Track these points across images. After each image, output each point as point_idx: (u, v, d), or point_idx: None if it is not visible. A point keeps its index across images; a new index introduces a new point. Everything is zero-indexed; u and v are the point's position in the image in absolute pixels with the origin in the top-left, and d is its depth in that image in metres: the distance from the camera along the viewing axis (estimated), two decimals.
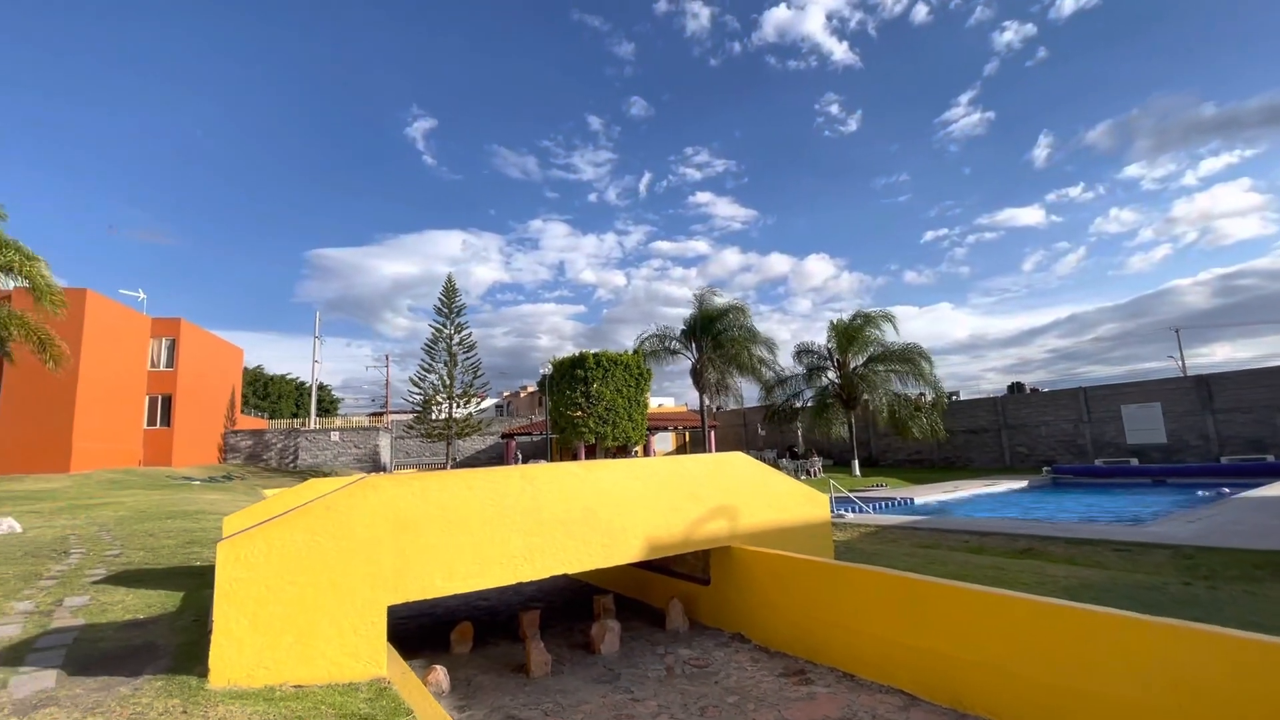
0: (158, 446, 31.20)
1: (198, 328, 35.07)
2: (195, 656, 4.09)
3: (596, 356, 28.21)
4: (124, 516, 12.80)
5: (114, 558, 8.08)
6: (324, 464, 36.31)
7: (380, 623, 4.34)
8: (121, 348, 29.63)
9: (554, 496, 5.38)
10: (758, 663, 5.52)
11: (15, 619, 5.10)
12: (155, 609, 5.61)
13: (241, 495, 20.45)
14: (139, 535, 10.20)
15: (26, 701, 3.41)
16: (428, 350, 32.65)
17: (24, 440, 25.51)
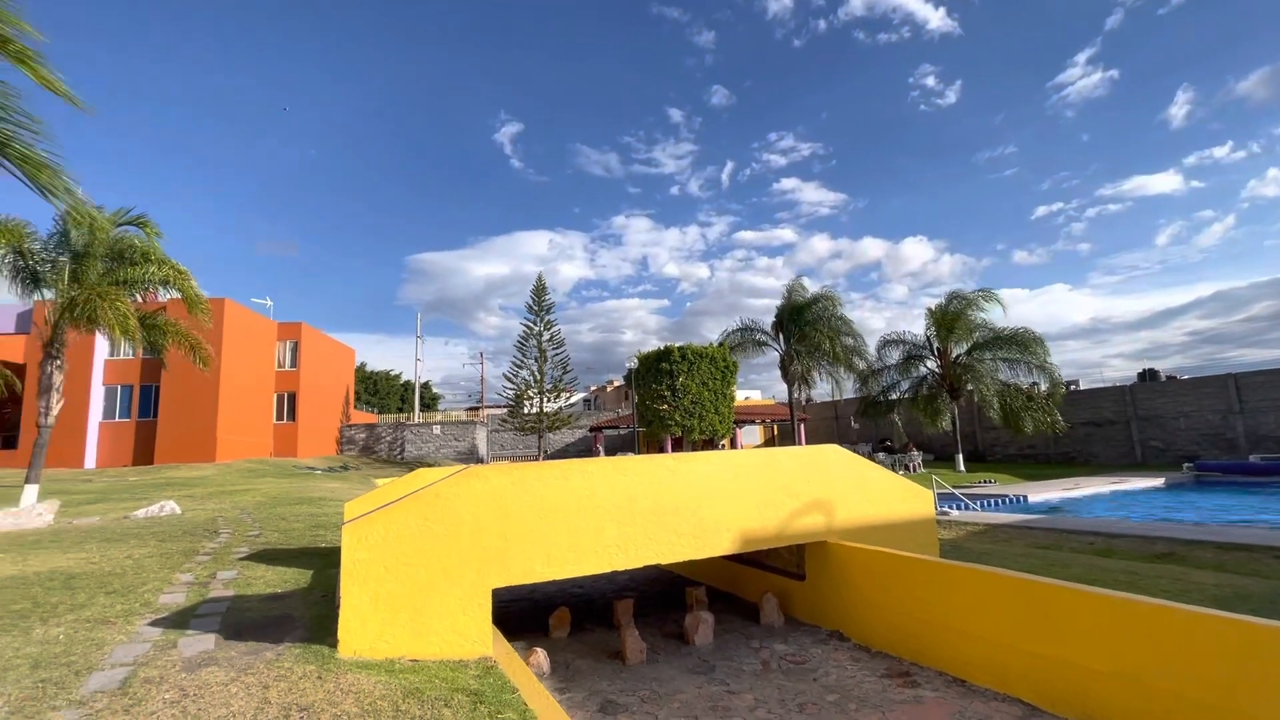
0: (285, 439, 34.49)
1: (317, 330, 38.38)
2: (326, 629, 4.47)
3: (681, 350, 28.16)
4: (260, 502, 14.25)
5: (254, 538, 9.01)
6: (427, 456, 38.73)
7: (486, 605, 4.56)
8: (254, 350, 32.97)
9: (646, 488, 5.44)
10: (858, 662, 5.33)
11: (180, 589, 5.81)
12: (290, 584, 6.19)
13: (357, 484, 22.19)
14: (274, 519, 11.32)
15: (193, 660, 3.88)
16: (519, 347, 33.98)
17: (179, 434, 29.00)
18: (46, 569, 6.62)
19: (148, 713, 3.12)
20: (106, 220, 13.36)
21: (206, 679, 3.57)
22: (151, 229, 14.22)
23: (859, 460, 6.74)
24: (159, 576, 6.28)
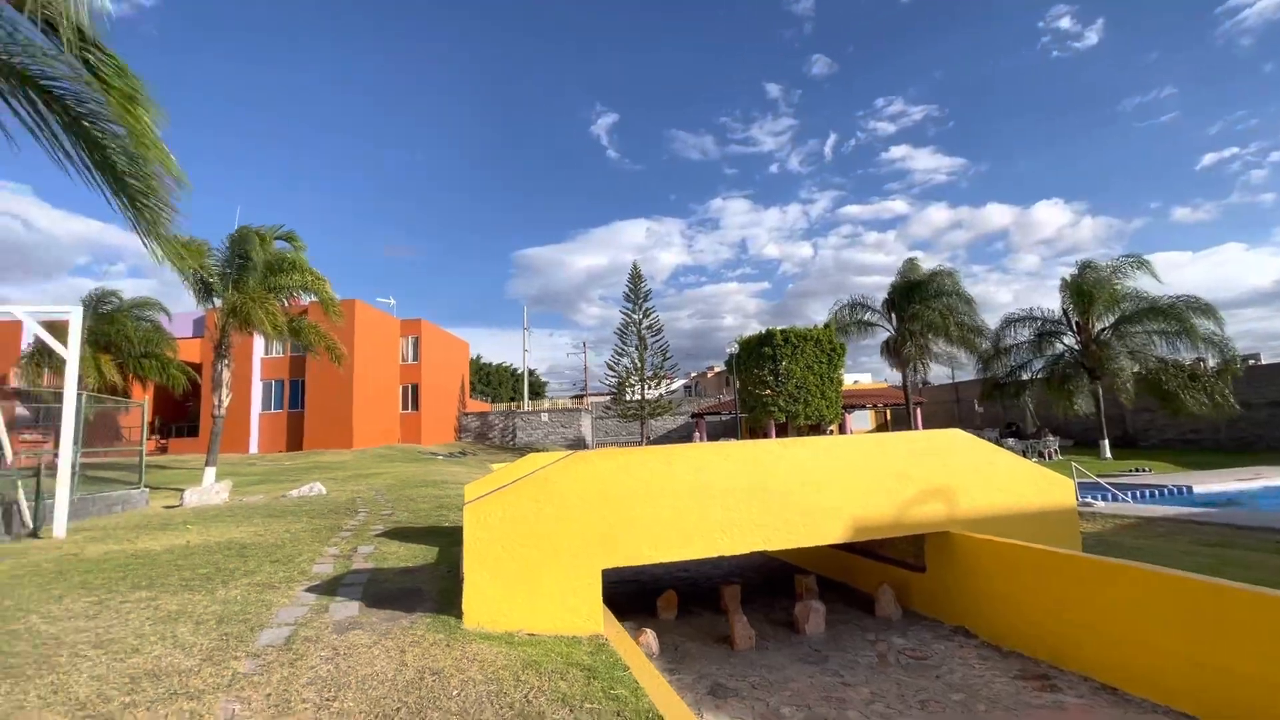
0: (410, 427, 37.48)
1: (435, 326, 41.25)
2: (452, 601, 4.81)
3: (784, 333, 27.35)
4: (391, 484, 15.60)
5: (387, 516, 9.88)
6: (536, 442, 40.59)
7: (596, 584, 4.70)
8: (381, 346, 36.02)
9: (751, 473, 5.35)
10: (987, 660, 4.96)
11: (328, 560, 6.49)
12: (419, 560, 6.72)
13: (474, 468, 23.70)
14: (403, 499, 12.34)
15: (342, 623, 4.32)
16: (619, 336, 34.61)
17: (323, 423, 32.37)
18: (225, 539, 7.64)
19: (308, 667, 3.51)
20: (267, 236, 15.12)
21: (353, 641, 3.96)
22: (298, 242, 15.91)
23: (986, 446, 6.23)
24: (311, 549, 7.04)
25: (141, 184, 3.88)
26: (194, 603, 4.85)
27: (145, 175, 3.87)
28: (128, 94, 3.65)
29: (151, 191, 3.95)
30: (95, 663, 3.55)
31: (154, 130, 3.83)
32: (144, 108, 3.66)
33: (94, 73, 3.61)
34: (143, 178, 3.87)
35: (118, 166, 3.78)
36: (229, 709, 2.99)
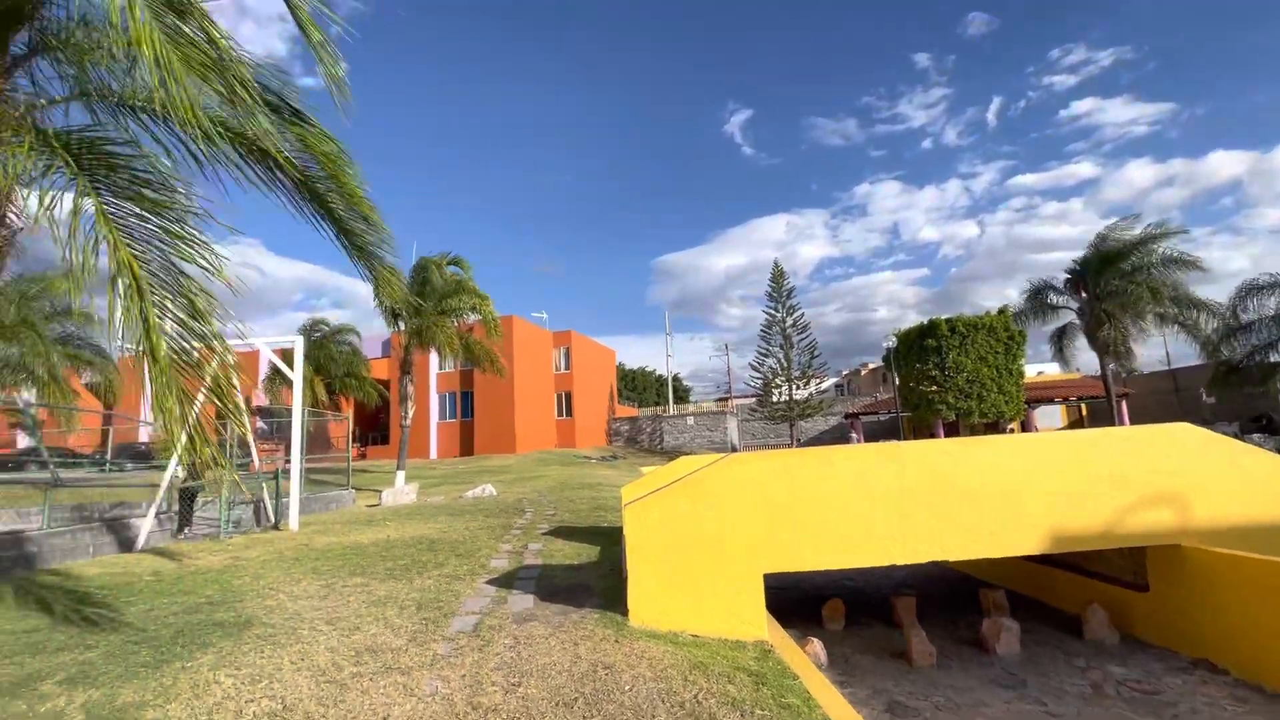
0: (565, 432, 39.74)
1: (583, 336, 43.45)
2: (616, 598, 4.97)
3: (950, 322, 24.89)
4: (552, 486, 16.61)
5: (551, 516, 10.51)
6: (684, 445, 41.02)
7: (758, 589, 4.59)
8: (536, 357, 38.68)
9: (924, 476, 4.91)
10: (1244, 703, 4.10)
11: (503, 556, 7.04)
12: (583, 558, 7.05)
13: (626, 471, 24.50)
14: (564, 500, 13.07)
15: (520, 615, 4.65)
16: (763, 336, 33.87)
17: (489, 430, 35.44)
18: (417, 535, 8.60)
19: (494, 653, 3.81)
20: (440, 263, 17.06)
21: (531, 632, 4.24)
22: (466, 266, 17.71)
23: (1225, 442, 5.17)
24: (489, 545, 7.69)
25: (358, 231, 4.53)
26: (397, 590, 5.50)
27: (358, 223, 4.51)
28: (333, 157, 4.26)
29: (365, 237, 4.60)
30: (328, 637, 4.16)
31: (357, 187, 4.44)
32: (346, 167, 4.26)
33: (304, 141, 4.25)
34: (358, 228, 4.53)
35: (336, 213, 4.44)
36: (433, 685, 3.32)
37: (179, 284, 3.28)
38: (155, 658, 3.84)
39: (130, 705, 3.17)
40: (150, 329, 2.97)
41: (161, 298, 3.12)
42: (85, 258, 3.07)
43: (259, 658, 3.78)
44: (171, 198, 3.37)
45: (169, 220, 3.30)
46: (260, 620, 4.63)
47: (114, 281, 3.12)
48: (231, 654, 3.87)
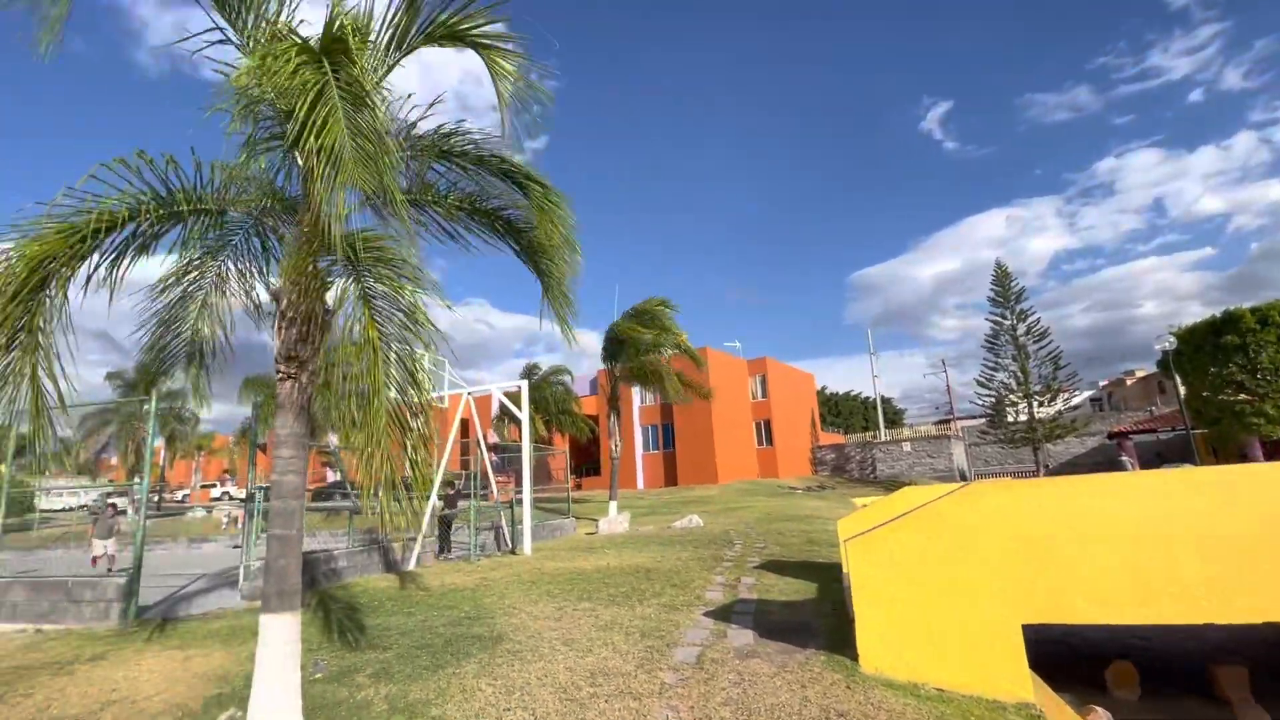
0: (767, 462, 38.88)
1: (779, 362, 42.51)
2: (842, 639, 4.63)
3: (1259, 311, 19.41)
4: (758, 518, 16.26)
5: (760, 549, 10.26)
6: (900, 474, 37.52)
7: (1016, 641, 3.94)
8: (733, 387, 38.71)
9: (1259, 512, 3.84)
10: None
11: (717, 588, 7.01)
12: (799, 594, 6.72)
13: (836, 503, 23.07)
14: (772, 533, 12.70)
15: (741, 650, 4.56)
16: (989, 347, 29.82)
17: (691, 461, 36.13)
18: (633, 564, 8.98)
19: (719, 688, 3.77)
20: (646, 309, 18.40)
21: (755, 669, 4.12)
22: (670, 306, 18.74)
23: None
24: (701, 577, 7.73)
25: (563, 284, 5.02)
26: (621, 616, 5.76)
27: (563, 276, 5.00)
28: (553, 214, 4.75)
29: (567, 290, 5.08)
30: (566, 656, 4.48)
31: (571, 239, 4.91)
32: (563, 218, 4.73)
33: (527, 195, 4.77)
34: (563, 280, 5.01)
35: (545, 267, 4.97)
36: (664, 714, 3.38)
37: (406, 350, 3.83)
38: (432, 663, 4.48)
39: (418, 702, 3.72)
40: (377, 389, 3.52)
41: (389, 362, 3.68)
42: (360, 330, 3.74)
43: (511, 671, 4.20)
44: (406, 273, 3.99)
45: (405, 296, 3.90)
46: (509, 637, 5.16)
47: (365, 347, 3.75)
48: (489, 665, 4.36)
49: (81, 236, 3.33)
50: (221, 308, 4.63)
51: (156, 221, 3.71)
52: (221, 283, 4.58)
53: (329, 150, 2.94)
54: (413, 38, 4.13)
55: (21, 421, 3.47)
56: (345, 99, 3.09)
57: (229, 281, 4.59)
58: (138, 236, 3.74)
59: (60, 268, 3.36)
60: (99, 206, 3.37)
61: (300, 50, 3.14)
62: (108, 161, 3.38)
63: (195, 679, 4.54)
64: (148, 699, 4.19)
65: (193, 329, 4.63)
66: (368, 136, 3.13)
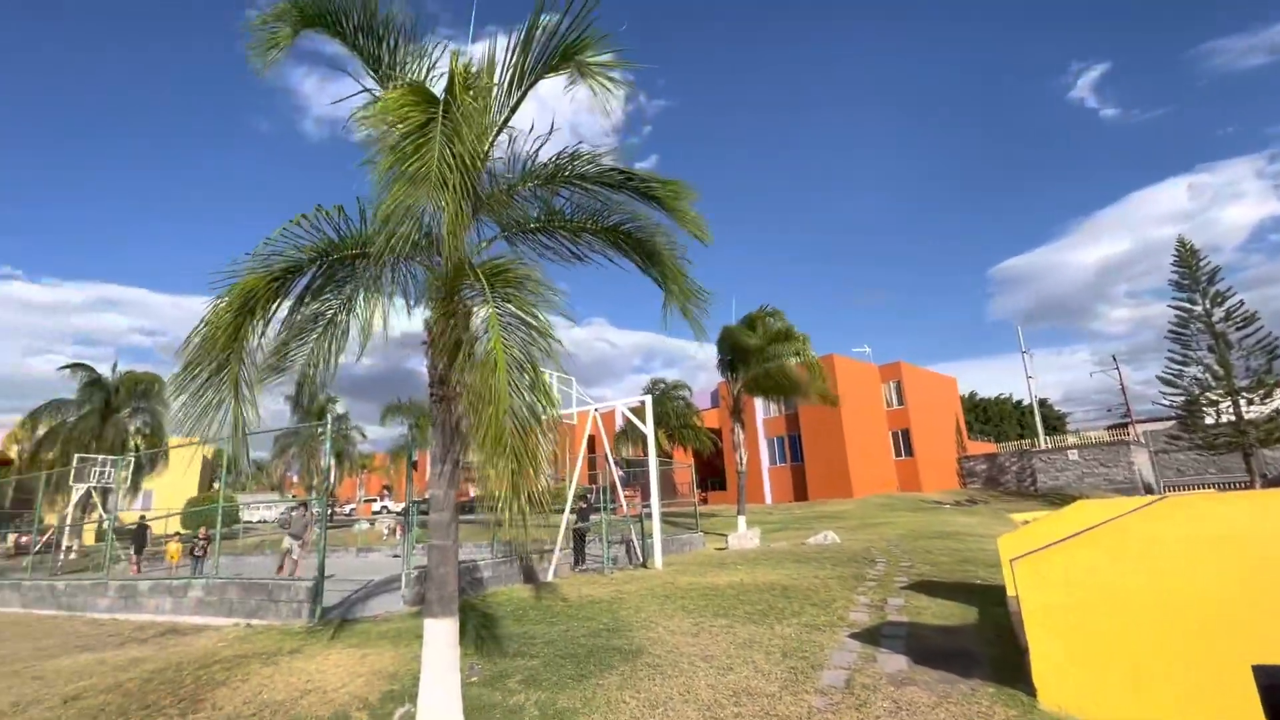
0: (907, 474, 36.23)
1: (914, 367, 39.66)
2: (1012, 671, 4.14)
3: None
4: (901, 535, 15.14)
5: (907, 568, 9.52)
6: (1066, 486, 33.28)
7: (1246, 684, 3.29)
8: (863, 395, 36.65)
9: None
10: None
11: (861, 609, 6.59)
12: (955, 618, 6.13)
13: (990, 518, 20.92)
14: (918, 551, 11.76)
15: (894, 676, 4.23)
16: (1175, 337, 25.64)
17: (821, 474, 34.58)
18: (768, 581, 8.71)
19: (873, 715, 3.52)
20: (762, 317, 18.10)
21: (913, 698, 3.79)
22: (782, 317, 18.35)
23: None
24: (843, 596, 7.32)
25: (689, 291, 5.05)
26: (759, 634, 5.59)
27: (688, 284, 5.03)
28: (682, 213, 4.78)
29: (695, 298, 5.09)
30: (706, 674, 4.42)
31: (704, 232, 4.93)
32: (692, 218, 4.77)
33: (649, 198, 4.83)
34: (689, 288, 5.05)
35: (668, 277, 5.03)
36: None
37: (534, 368, 4.00)
38: (577, 672, 4.61)
39: (566, 710, 3.84)
40: (506, 406, 3.67)
41: (520, 381, 3.85)
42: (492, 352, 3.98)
43: (652, 685, 4.21)
44: (533, 291, 4.19)
45: (533, 317, 4.09)
46: (648, 650, 5.19)
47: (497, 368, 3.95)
48: (630, 678, 4.40)
49: (276, 277, 3.89)
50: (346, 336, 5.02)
51: (331, 265, 4.24)
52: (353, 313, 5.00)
53: (412, 177, 3.18)
54: (529, 73, 4.39)
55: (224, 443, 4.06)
56: (446, 133, 3.32)
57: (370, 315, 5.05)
58: (316, 278, 4.29)
59: (260, 305, 3.93)
60: (287, 253, 3.94)
61: (415, 92, 3.46)
62: (294, 217, 3.94)
63: (371, 675, 5.03)
64: (335, 690, 4.70)
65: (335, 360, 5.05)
66: (453, 166, 3.31)
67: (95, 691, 5.15)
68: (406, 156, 3.19)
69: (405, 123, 3.28)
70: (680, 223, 4.80)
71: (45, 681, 5.68)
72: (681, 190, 4.67)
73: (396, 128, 3.29)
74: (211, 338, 3.77)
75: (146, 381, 25.50)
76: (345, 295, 4.54)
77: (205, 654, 6.19)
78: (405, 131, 3.26)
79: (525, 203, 4.91)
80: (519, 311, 3.97)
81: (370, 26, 4.14)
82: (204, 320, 3.81)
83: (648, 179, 4.64)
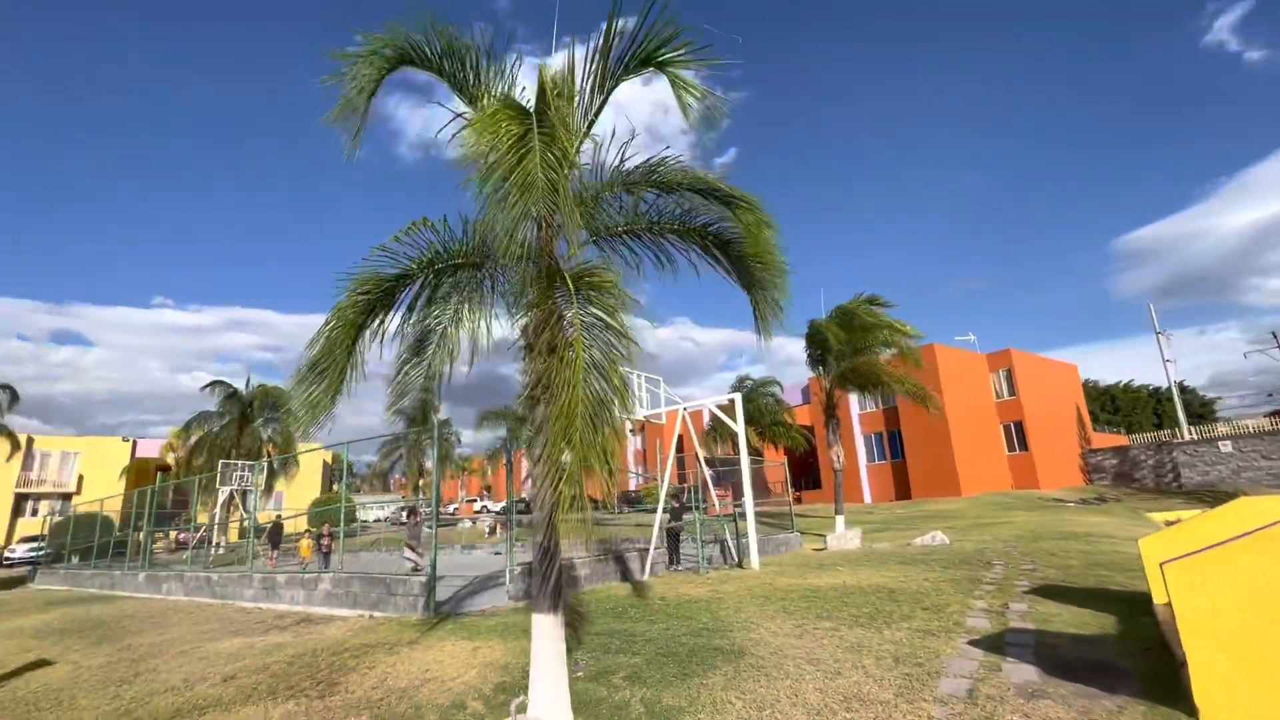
0: (1022, 470, 33.50)
1: (1027, 353, 36.63)
2: (1164, 686, 3.71)
3: None
4: (1019, 535, 14.00)
5: (1029, 572, 8.78)
6: (1218, 481, 29.48)
7: None
8: (968, 386, 34.28)
9: None
10: None
11: (979, 614, 6.15)
12: (1091, 628, 5.57)
13: (1124, 517, 18.94)
14: (1041, 553, 10.82)
15: (1023, 688, 3.91)
16: None
17: (925, 471, 32.67)
18: (872, 583, 8.33)
19: None
20: (856, 308, 17.38)
21: (1046, 713, 3.48)
22: (879, 304, 17.53)
23: None
24: (957, 600, 6.86)
25: (771, 293, 4.94)
26: (867, 638, 5.34)
27: (775, 286, 4.91)
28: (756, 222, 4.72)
29: (777, 299, 4.97)
30: (813, 677, 4.27)
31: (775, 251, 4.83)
32: (768, 228, 4.68)
33: (732, 209, 4.79)
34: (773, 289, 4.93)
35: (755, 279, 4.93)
36: None
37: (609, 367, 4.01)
38: (680, 671, 4.60)
39: (672, 709, 3.83)
40: (590, 407, 3.69)
41: (606, 383, 3.87)
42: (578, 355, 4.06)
43: (758, 686, 4.13)
44: (616, 296, 4.22)
45: (616, 320, 4.12)
46: (750, 651, 5.10)
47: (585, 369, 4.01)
48: (735, 679, 4.34)
49: (389, 286, 4.18)
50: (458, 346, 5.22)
51: (437, 274, 4.50)
52: (459, 323, 5.22)
53: (520, 185, 3.26)
54: (610, 78, 4.44)
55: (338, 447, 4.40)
56: (544, 142, 3.41)
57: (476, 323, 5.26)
58: (424, 287, 4.56)
59: (374, 312, 4.24)
60: (397, 262, 4.24)
61: (510, 107, 3.57)
62: (404, 225, 4.23)
63: (483, 666, 5.27)
64: (452, 680, 4.97)
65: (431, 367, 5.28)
66: (555, 167, 3.39)
67: (248, 672, 5.74)
68: (511, 168, 3.30)
69: (503, 135, 3.39)
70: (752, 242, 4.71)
71: (208, 661, 6.39)
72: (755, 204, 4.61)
73: (498, 141, 3.40)
74: (328, 351, 4.12)
75: (276, 394, 28.30)
76: (451, 306, 4.78)
77: (336, 642, 6.73)
78: (507, 145, 3.36)
79: (608, 208, 4.98)
80: (601, 314, 4.03)
81: (453, 50, 4.32)
82: (322, 329, 4.15)
83: (730, 191, 4.59)
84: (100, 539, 19.53)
